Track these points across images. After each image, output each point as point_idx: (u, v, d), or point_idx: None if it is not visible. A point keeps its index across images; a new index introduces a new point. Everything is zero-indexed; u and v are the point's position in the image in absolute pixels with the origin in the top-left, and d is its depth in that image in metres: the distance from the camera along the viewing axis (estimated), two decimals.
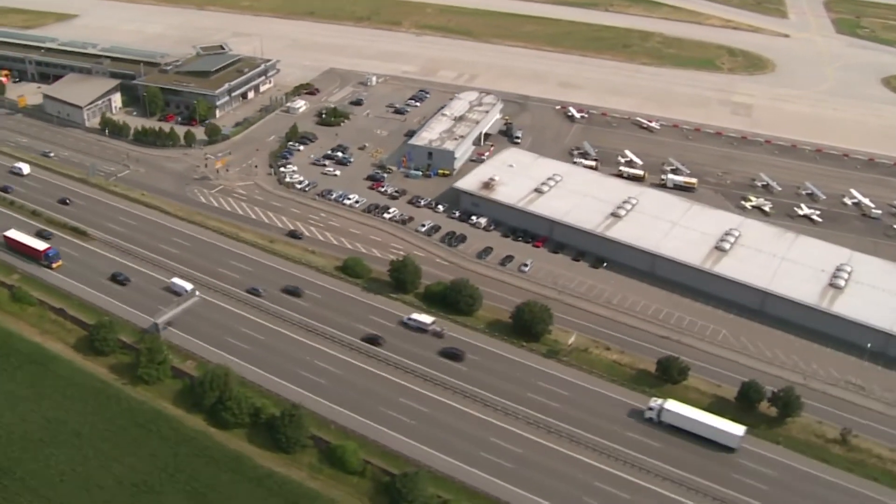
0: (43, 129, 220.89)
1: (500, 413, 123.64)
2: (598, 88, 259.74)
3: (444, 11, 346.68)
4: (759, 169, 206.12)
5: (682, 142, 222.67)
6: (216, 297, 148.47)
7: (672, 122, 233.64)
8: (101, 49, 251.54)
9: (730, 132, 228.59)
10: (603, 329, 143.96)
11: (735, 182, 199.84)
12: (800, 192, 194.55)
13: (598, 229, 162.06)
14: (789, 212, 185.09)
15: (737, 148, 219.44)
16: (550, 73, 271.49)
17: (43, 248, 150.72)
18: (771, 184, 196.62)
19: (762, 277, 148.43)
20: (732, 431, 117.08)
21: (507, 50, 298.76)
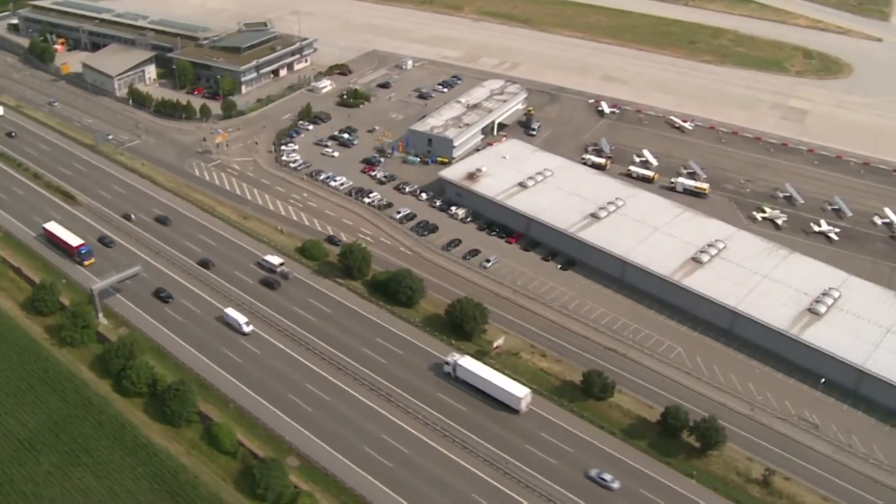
0: (77, 96, 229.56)
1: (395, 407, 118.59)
2: (643, 84, 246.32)
3: None
4: (788, 179, 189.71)
5: (713, 144, 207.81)
6: (167, 266, 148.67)
7: (710, 124, 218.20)
8: (148, 21, 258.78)
9: (771, 138, 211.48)
10: (547, 335, 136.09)
11: (755, 191, 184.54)
12: (825, 207, 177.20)
13: (570, 229, 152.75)
14: (805, 227, 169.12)
15: (772, 155, 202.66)
16: (598, 66, 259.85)
17: (77, 244, 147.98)
18: (794, 195, 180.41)
19: (734, 295, 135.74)
20: (515, 393, 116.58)
21: (562, 40, 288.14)
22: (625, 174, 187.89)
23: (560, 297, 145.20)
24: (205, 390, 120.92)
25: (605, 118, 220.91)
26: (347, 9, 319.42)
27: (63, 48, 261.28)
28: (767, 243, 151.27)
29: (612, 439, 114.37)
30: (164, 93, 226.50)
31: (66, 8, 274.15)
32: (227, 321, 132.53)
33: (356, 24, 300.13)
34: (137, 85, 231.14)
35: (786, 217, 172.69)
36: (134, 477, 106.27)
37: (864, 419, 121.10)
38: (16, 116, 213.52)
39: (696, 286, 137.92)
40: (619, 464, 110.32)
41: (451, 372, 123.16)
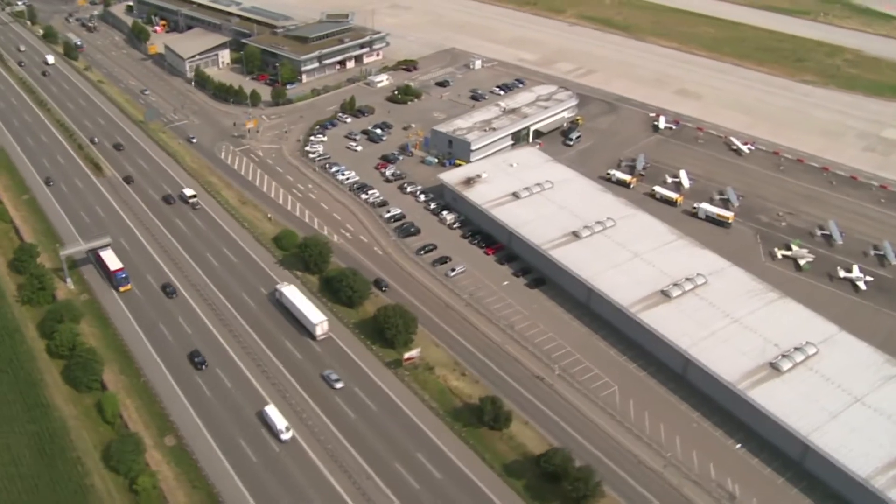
0: (154, 76, 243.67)
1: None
2: (719, 101, 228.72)
3: (623, 4, 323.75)
4: (839, 215, 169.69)
5: (768, 171, 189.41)
6: (135, 245, 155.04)
7: (776, 149, 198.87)
8: (239, 8, 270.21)
9: (841, 169, 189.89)
10: (480, 354, 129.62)
11: (792, 226, 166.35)
12: (869, 252, 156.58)
13: (544, 246, 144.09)
14: (832, 271, 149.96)
15: (832, 188, 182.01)
16: (678, 79, 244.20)
17: (115, 267, 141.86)
18: (835, 235, 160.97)
19: (690, 337, 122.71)
20: (312, 320, 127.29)
21: (654, 49, 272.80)
22: (649, 194, 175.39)
23: (512, 315, 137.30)
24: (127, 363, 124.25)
25: (659, 133, 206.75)
26: (446, 6, 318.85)
27: (163, 30, 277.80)
28: (758, 284, 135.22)
29: (487, 472, 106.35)
30: (233, 77, 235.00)
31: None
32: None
33: (448, 21, 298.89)
34: (210, 68, 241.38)
35: (811, 258, 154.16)
36: (17, 433, 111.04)
37: (798, 499, 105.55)
38: (90, 90, 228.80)
39: (651, 321, 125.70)
40: (484, 499, 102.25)
41: (278, 298, 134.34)
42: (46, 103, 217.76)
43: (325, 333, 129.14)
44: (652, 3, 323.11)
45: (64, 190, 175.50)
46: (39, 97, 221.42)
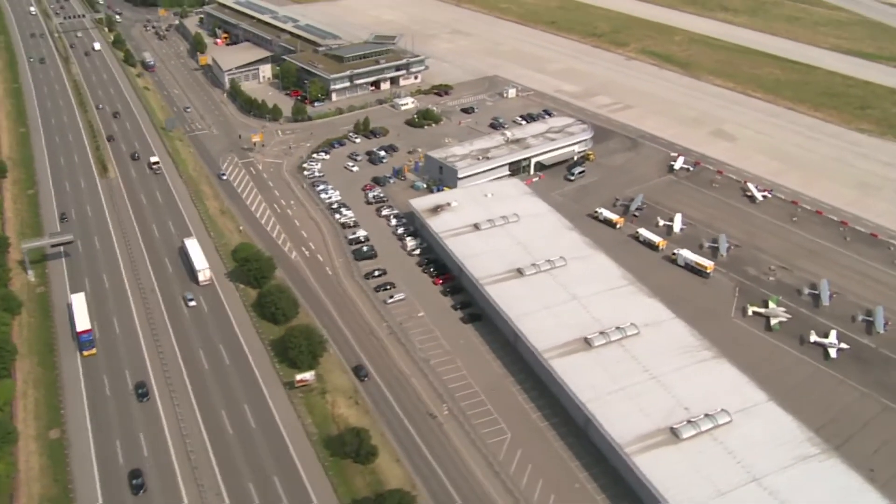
0: (198, 86, 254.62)
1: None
2: (753, 145, 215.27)
3: (693, 41, 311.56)
4: (837, 274, 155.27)
5: (777, 221, 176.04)
6: (106, 245, 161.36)
7: (796, 198, 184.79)
8: (294, 25, 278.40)
9: (862, 225, 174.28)
10: (383, 385, 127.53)
11: (781, 282, 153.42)
12: (857, 317, 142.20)
13: (482, 280, 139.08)
14: (806, 334, 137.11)
15: (845, 244, 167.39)
16: (717, 120, 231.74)
17: (81, 328, 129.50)
18: (822, 296, 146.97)
19: (596, 390, 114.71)
20: (196, 266, 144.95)
21: (705, 88, 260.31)
22: (633, 236, 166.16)
23: (433, 349, 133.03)
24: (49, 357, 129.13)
25: (673, 175, 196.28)
26: (507, 34, 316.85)
27: (223, 42, 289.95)
28: (695, 340, 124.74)
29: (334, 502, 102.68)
30: (270, 92, 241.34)
31: (240, 7, 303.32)
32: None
33: (503, 49, 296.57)
34: (251, 82, 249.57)
35: (786, 318, 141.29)
36: None
37: None
38: (131, 95, 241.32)
39: (561, 369, 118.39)
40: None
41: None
42: (87, 105, 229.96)
43: (206, 280, 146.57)
44: (726, 42, 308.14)
45: (66, 188, 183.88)
46: (83, 99, 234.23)
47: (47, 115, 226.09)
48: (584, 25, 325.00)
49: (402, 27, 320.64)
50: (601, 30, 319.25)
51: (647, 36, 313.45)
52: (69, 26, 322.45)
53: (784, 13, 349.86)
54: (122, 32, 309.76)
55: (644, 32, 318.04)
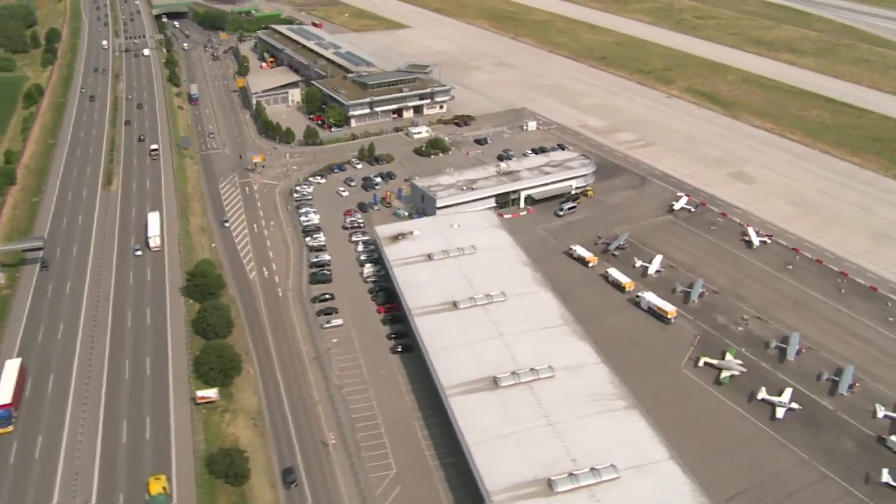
0: (228, 106, 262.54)
1: None
2: (771, 188, 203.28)
3: (746, 81, 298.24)
4: (815, 328, 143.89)
5: (768, 268, 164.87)
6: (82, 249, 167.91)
7: (798, 245, 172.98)
8: (334, 52, 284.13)
9: (866, 277, 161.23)
10: (289, 410, 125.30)
11: (751, 333, 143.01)
12: (823, 377, 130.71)
13: (414, 311, 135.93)
14: (756, 390, 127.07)
15: (836, 298, 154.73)
16: (742, 160, 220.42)
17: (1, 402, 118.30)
18: (789, 351, 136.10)
19: (487, 433, 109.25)
20: (148, 233, 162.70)
21: (740, 129, 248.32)
22: (602, 275, 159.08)
23: (351, 377, 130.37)
24: None
25: (672, 215, 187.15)
26: (553, 68, 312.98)
27: (268, 66, 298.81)
28: (612, 388, 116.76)
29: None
30: (296, 115, 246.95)
31: (290, 33, 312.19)
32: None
33: (542, 82, 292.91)
34: (280, 105, 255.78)
35: (738, 372, 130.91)
36: None
37: None
38: (163, 114, 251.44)
39: (458, 408, 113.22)
40: None
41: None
42: (117, 121, 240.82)
43: (157, 246, 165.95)
44: (780, 83, 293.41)
45: (68, 198, 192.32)
46: (117, 115, 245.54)
47: (78, 129, 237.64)
48: (635, 62, 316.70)
49: (450, 57, 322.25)
50: (651, 67, 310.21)
51: (699, 74, 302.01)
52: (130, 46, 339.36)
53: (854, 55, 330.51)
54: (178, 53, 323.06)
55: (696, 71, 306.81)
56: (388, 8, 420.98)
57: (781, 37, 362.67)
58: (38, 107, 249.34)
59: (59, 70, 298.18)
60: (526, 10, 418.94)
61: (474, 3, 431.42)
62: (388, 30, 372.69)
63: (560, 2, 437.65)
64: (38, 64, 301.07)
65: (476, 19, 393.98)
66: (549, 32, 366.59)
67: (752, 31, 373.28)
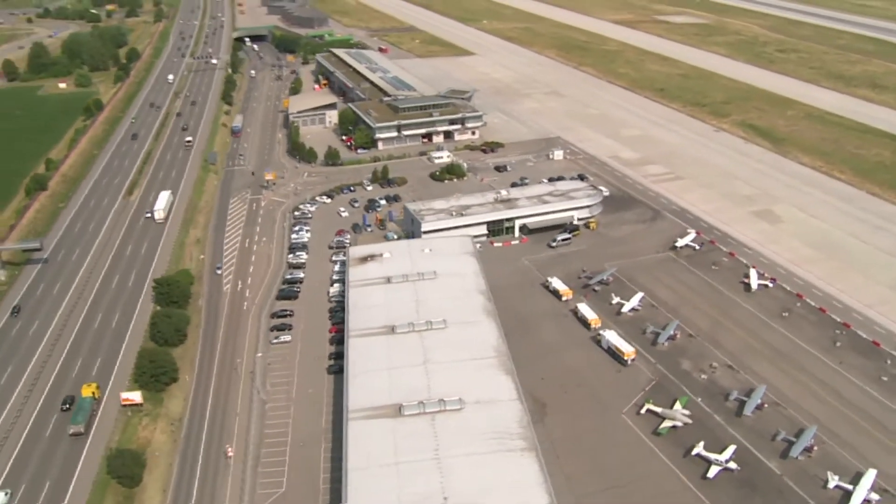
0: (269, 125, 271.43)
1: None
2: (796, 229, 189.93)
3: (808, 116, 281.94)
4: (791, 382, 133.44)
5: (761, 315, 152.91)
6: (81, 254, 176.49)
7: (804, 291, 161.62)
8: (380, 76, 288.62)
9: (872, 330, 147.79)
10: (207, 418, 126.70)
11: (714, 382, 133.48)
12: (779, 437, 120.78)
13: (350, 334, 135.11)
14: (694, 444, 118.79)
15: (827, 351, 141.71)
16: (772, 199, 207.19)
17: None
18: (748, 405, 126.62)
19: (369, 462, 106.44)
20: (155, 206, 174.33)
21: (785, 166, 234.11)
22: (573, 310, 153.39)
23: (277, 394, 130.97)
24: None
25: (673, 252, 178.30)
26: (606, 98, 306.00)
27: (321, 88, 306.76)
28: (517, 428, 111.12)
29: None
30: (330, 136, 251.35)
31: (345, 56, 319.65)
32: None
33: (588, 112, 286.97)
34: (317, 126, 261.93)
35: (681, 423, 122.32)
36: None
37: None
38: (205, 129, 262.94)
39: (353, 434, 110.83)
40: None
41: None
42: (161, 136, 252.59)
43: (161, 219, 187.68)
44: (845, 119, 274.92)
45: (90, 205, 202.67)
46: (162, 130, 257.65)
47: (123, 143, 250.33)
48: (695, 94, 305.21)
49: (505, 85, 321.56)
50: (710, 99, 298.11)
51: (758, 108, 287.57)
52: (197, 66, 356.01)
53: None
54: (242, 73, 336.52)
55: (757, 105, 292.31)
56: (461, 36, 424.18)
57: (866, 72, 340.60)
58: (94, 120, 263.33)
59: (127, 87, 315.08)
60: (600, 40, 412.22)
61: (549, 33, 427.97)
62: (453, 56, 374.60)
63: (635, 32, 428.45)
64: (111, 81, 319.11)
65: (545, 48, 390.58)
66: (615, 63, 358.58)
67: (836, 65, 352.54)
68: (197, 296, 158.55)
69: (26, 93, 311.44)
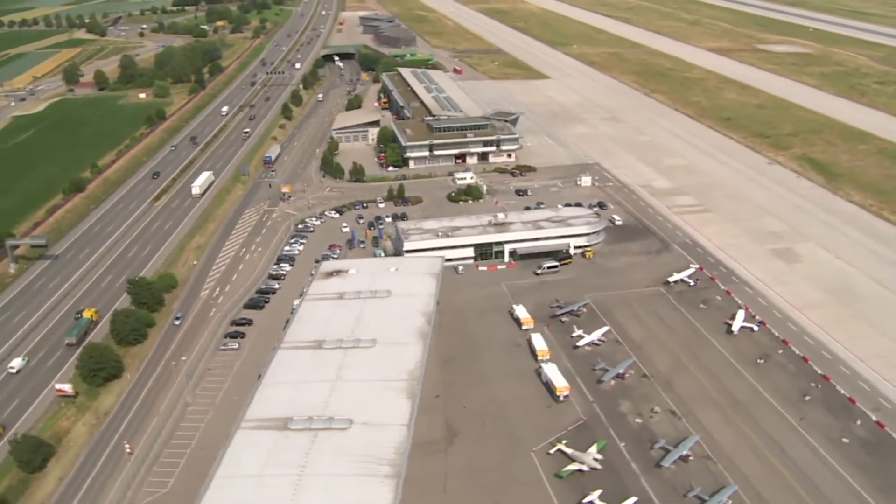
0: (316, 140, 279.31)
1: None
2: (812, 270, 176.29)
3: (880, 152, 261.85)
4: (735, 435, 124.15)
5: (735, 360, 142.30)
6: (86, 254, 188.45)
7: (792, 338, 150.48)
8: (432, 96, 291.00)
9: (852, 385, 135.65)
10: (131, 415, 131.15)
11: (646, 428, 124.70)
12: (692, 492, 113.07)
13: (282, 346, 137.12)
14: (589, 492, 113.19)
15: (793, 403, 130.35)
16: (803, 237, 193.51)
17: None
18: (671, 456, 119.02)
19: (236, 471, 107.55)
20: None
21: (828, 202, 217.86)
22: (527, 340, 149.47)
23: (204, 398, 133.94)
24: None
25: (664, 286, 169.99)
26: (665, 126, 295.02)
27: (381, 106, 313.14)
28: (392, 455, 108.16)
29: None
30: (368, 153, 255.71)
31: (407, 75, 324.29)
32: None
33: (639, 139, 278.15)
34: (359, 143, 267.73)
35: (588, 469, 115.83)
36: None
37: None
38: (254, 139, 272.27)
39: (237, 441, 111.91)
40: None
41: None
42: (210, 145, 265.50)
43: (197, 194, 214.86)
44: None
45: (118, 208, 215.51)
46: (213, 140, 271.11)
47: (175, 149, 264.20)
48: (762, 125, 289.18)
49: (564, 109, 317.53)
50: (777, 131, 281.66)
51: (826, 141, 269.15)
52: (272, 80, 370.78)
53: None
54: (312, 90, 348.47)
55: (827, 138, 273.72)
56: (544, 59, 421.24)
57: None
58: (153, 128, 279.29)
59: (200, 99, 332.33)
60: (685, 67, 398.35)
61: (636, 59, 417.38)
62: (526, 80, 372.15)
63: (727, 61, 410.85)
64: (186, 93, 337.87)
65: (623, 74, 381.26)
66: (691, 90, 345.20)
67: None
68: (173, 299, 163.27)
69: (109, 101, 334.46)
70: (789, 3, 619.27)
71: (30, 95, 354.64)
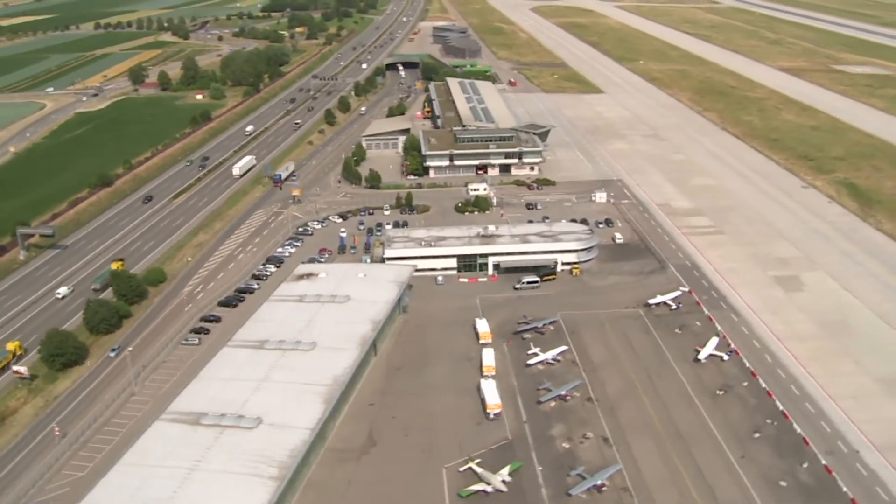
0: (348, 147, 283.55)
1: None
2: (811, 301, 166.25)
3: None
4: (663, 471, 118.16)
5: (690, 390, 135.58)
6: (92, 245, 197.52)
7: (764, 371, 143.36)
8: (469, 107, 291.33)
9: (811, 424, 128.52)
10: (76, 399, 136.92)
11: (573, 454, 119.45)
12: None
13: (229, 343, 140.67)
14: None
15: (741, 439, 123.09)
16: (814, 265, 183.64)
17: None
18: (584, 484, 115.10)
19: (137, 462, 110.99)
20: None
21: (856, 229, 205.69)
22: (478, 365, 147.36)
23: (146, 392, 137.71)
24: None
25: (645, 308, 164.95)
26: (706, 144, 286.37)
27: (421, 116, 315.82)
28: (286, 458, 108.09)
29: None
30: (396, 160, 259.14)
31: (452, 85, 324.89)
32: None
33: (674, 158, 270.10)
34: (389, 150, 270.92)
35: (493, 490, 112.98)
36: None
37: None
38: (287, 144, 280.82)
39: (153, 433, 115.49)
40: None
41: None
42: (247, 149, 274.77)
43: (237, 175, 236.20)
44: None
45: (137, 205, 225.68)
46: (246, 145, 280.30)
47: (209, 151, 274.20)
48: (810, 148, 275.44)
49: (608, 125, 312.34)
50: (823, 154, 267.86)
51: (875, 167, 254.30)
52: (320, 86, 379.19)
53: None
54: (364, 98, 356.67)
55: (877, 163, 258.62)
56: (605, 74, 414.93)
57: None
58: (196, 128, 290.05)
59: (253, 102, 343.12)
60: (749, 86, 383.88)
61: (700, 77, 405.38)
62: (579, 94, 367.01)
63: (797, 81, 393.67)
64: (241, 95, 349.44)
65: (682, 91, 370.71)
66: (746, 110, 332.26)
67: None
68: (156, 293, 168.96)
69: (168, 101, 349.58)
70: (882, 23, 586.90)
71: (99, 93, 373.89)
